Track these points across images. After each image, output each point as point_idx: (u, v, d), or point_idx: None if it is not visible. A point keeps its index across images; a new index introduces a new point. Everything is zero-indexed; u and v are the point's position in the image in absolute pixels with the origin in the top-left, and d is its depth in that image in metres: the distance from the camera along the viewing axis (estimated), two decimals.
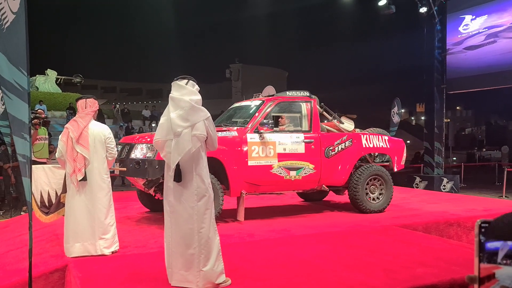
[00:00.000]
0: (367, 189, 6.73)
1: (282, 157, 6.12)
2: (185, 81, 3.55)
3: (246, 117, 6.34)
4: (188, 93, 3.50)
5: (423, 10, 13.31)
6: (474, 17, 12.67)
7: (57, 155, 4.47)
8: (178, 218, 3.44)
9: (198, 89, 3.59)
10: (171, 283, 3.50)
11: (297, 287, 3.57)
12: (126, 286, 3.59)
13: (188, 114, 3.42)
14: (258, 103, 6.49)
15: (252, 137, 5.96)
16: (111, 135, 4.58)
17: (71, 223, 4.34)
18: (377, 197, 6.84)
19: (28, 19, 3.27)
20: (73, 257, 4.27)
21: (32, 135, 3.70)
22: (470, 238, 6.21)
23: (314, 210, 7.19)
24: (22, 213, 8.43)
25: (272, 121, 6.07)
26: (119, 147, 5.88)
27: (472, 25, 12.73)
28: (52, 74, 22.87)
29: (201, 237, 3.41)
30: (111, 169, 4.75)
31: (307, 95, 6.71)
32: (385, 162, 7.38)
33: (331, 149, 6.55)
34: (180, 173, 3.39)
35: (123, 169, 5.74)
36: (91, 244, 4.34)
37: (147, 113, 23.68)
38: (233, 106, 7.19)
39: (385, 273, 3.88)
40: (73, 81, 24.55)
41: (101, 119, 18.15)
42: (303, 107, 6.58)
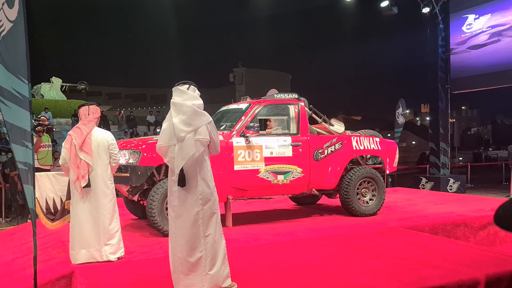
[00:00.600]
0: (358, 192, 6.63)
1: (269, 161, 5.99)
2: (186, 86, 3.55)
3: (232, 120, 6.20)
4: (190, 98, 3.50)
5: (426, 10, 13.29)
6: (477, 16, 12.63)
7: (60, 162, 4.48)
8: (183, 223, 3.43)
9: (199, 94, 3.59)
10: None
11: None
12: None
13: (190, 119, 3.42)
14: (244, 106, 6.36)
15: (238, 141, 5.84)
16: (114, 141, 4.58)
17: (76, 230, 4.34)
18: (369, 200, 6.72)
19: (31, 27, 3.29)
20: (79, 263, 4.27)
21: (35, 143, 3.72)
22: (477, 238, 6.17)
23: (318, 212, 7.16)
24: (28, 220, 8.46)
25: (258, 125, 5.97)
26: None
27: (475, 24, 12.69)
28: (57, 81, 23.02)
29: (207, 241, 3.41)
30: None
31: (295, 97, 6.59)
32: (378, 164, 7.26)
33: (320, 152, 6.41)
34: (184, 177, 3.39)
35: None
36: (97, 250, 4.34)
37: (151, 118, 23.75)
38: (220, 109, 7.05)
39: (391, 275, 3.86)
40: (78, 88, 24.67)
41: (106, 125, 18.24)
42: (291, 109, 6.44)
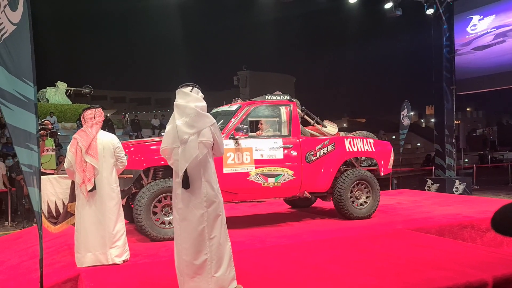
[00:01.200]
0: (352, 193, 6.54)
1: (259, 163, 5.90)
2: (190, 88, 3.55)
3: (223, 122, 6.05)
4: (193, 100, 3.49)
5: (430, 11, 13.25)
6: (481, 17, 12.59)
7: (66, 165, 4.47)
8: (188, 225, 3.42)
9: (202, 96, 3.59)
10: None
11: None
12: None
13: (194, 120, 3.41)
14: (234, 108, 6.26)
15: (226, 144, 5.62)
16: (120, 144, 4.60)
17: (82, 233, 4.34)
18: (363, 203, 6.64)
19: (37, 32, 3.30)
20: (85, 267, 4.27)
21: (39, 147, 3.72)
22: (484, 240, 6.12)
23: (323, 215, 7.13)
24: (34, 224, 8.48)
25: (247, 126, 5.90)
26: None
27: (480, 25, 12.65)
28: (62, 86, 23.13)
29: (213, 243, 3.39)
30: None
31: (287, 98, 6.50)
32: (373, 166, 7.16)
33: (312, 154, 6.30)
34: (188, 180, 3.38)
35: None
36: (102, 253, 4.34)
37: (156, 122, 23.78)
38: (212, 111, 7.03)
39: (398, 277, 3.83)
40: (82, 92, 24.77)
41: (111, 129, 18.30)
42: (282, 111, 6.32)
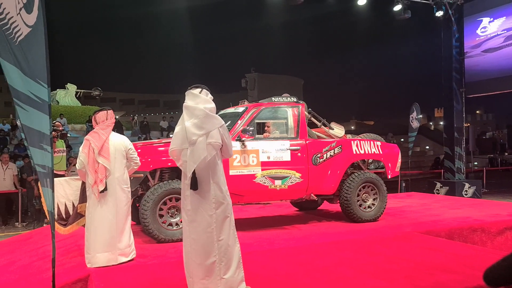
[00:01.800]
0: (359, 197, 6.51)
1: (266, 165, 5.88)
2: (199, 90, 3.57)
3: (228, 124, 5.98)
4: (202, 101, 3.51)
5: (439, 14, 13.19)
6: (492, 19, 12.50)
7: (78, 166, 4.52)
8: (196, 227, 3.43)
9: (211, 98, 3.61)
10: None
11: None
12: None
13: (202, 122, 3.43)
14: (241, 110, 6.26)
15: (233, 146, 5.77)
16: (132, 145, 4.71)
17: (92, 234, 4.38)
18: (370, 206, 6.60)
19: (49, 36, 3.34)
20: (95, 267, 4.30)
21: (52, 147, 3.76)
22: (495, 244, 6.07)
23: (331, 217, 7.11)
24: (44, 225, 8.55)
25: (253, 128, 5.89)
26: None
27: (490, 27, 12.56)
28: (72, 88, 23.35)
29: (221, 245, 3.40)
30: None
31: (294, 100, 6.49)
32: (380, 168, 7.13)
33: (319, 156, 6.28)
34: (196, 181, 3.39)
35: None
36: (112, 254, 4.38)
37: (164, 124, 23.93)
38: (219, 113, 7.04)
39: (407, 280, 3.81)
40: (92, 94, 24.99)
41: (119, 131, 18.41)
42: (289, 113, 6.32)
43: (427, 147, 33.69)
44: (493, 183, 15.98)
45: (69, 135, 15.62)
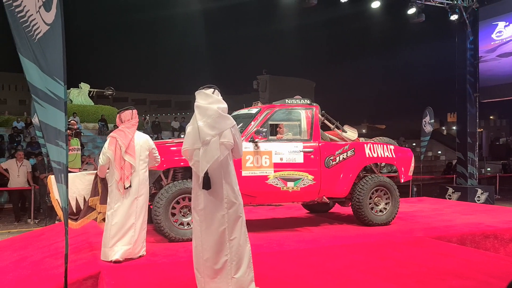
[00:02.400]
0: (371, 200, 6.47)
1: (278, 167, 5.87)
2: (211, 90, 3.58)
3: (242, 126, 6.03)
4: (215, 101, 3.52)
5: (454, 17, 13.07)
6: (507, 23, 12.36)
7: (102, 162, 4.66)
8: (208, 226, 3.44)
9: (221, 98, 3.63)
10: None
11: None
12: None
13: (215, 122, 3.44)
14: (254, 111, 6.25)
15: (246, 147, 5.68)
16: (154, 144, 4.89)
17: (113, 228, 4.49)
18: (382, 210, 6.55)
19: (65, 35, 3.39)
20: (110, 260, 4.40)
21: (67, 144, 3.81)
22: (508, 250, 5.99)
23: (342, 220, 7.08)
24: (56, 222, 8.65)
25: (266, 130, 5.88)
26: None
27: (505, 31, 12.41)
28: (85, 87, 23.58)
29: (232, 244, 3.41)
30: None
31: (307, 102, 6.48)
32: (393, 172, 7.06)
33: (332, 158, 6.25)
34: (209, 181, 3.40)
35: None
36: (129, 248, 4.49)
37: (176, 124, 24.05)
38: (232, 114, 7.04)
39: (419, 285, 3.78)
40: (105, 93, 25.20)
41: None
42: (303, 115, 6.32)
43: (439, 152, 33.37)
44: (506, 190, 15.77)
45: (82, 133, 15.77)
